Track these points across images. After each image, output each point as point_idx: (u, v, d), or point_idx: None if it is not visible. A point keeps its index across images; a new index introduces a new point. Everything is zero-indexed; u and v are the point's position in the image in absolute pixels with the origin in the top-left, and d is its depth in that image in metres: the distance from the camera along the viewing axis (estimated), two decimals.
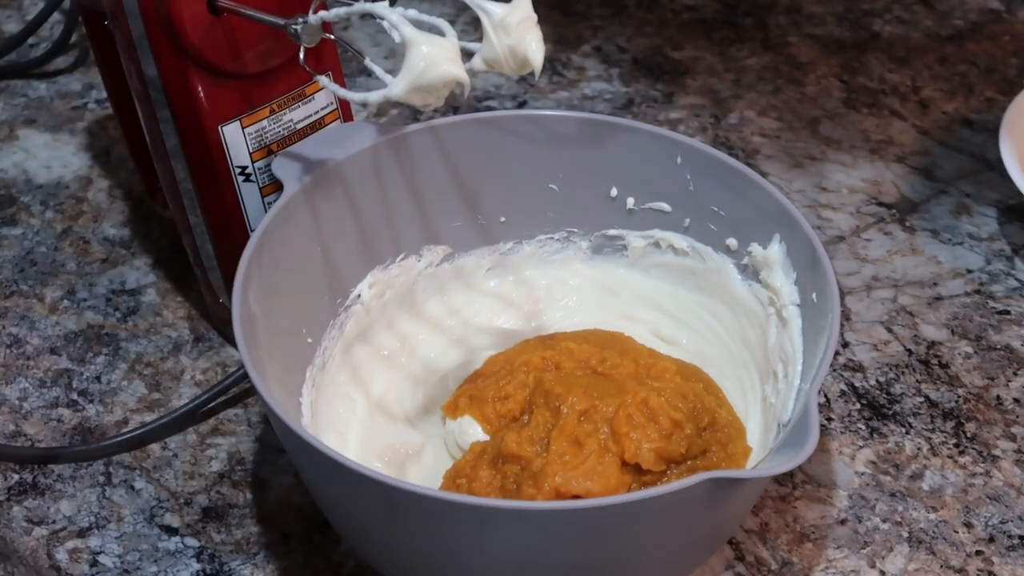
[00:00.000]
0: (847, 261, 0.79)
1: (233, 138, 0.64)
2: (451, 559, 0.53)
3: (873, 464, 0.66)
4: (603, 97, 0.93)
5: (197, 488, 0.65)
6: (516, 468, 0.59)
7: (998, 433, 0.68)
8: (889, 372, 0.71)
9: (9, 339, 0.73)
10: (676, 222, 0.68)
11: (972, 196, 0.84)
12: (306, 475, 0.58)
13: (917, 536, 0.62)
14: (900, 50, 0.98)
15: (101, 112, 0.92)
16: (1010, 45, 0.99)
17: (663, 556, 0.55)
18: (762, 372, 0.64)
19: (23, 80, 0.95)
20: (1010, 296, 0.76)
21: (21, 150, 0.89)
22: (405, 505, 0.50)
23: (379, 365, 0.68)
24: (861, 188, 0.85)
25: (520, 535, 0.50)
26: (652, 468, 0.58)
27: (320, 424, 0.63)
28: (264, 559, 0.61)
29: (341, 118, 0.69)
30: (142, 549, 0.62)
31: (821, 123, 0.91)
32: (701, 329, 0.69)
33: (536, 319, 0.72)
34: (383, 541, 0.55)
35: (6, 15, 1.03)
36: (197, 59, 0.61)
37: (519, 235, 0.71)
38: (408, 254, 0.69)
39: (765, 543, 0.62)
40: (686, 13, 1.03)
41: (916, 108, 0.92)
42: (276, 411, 0.52)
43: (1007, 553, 0.61)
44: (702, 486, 0.48)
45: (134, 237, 0.81)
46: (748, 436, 0.63)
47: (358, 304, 0.67)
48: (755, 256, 0.64)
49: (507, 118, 0.68)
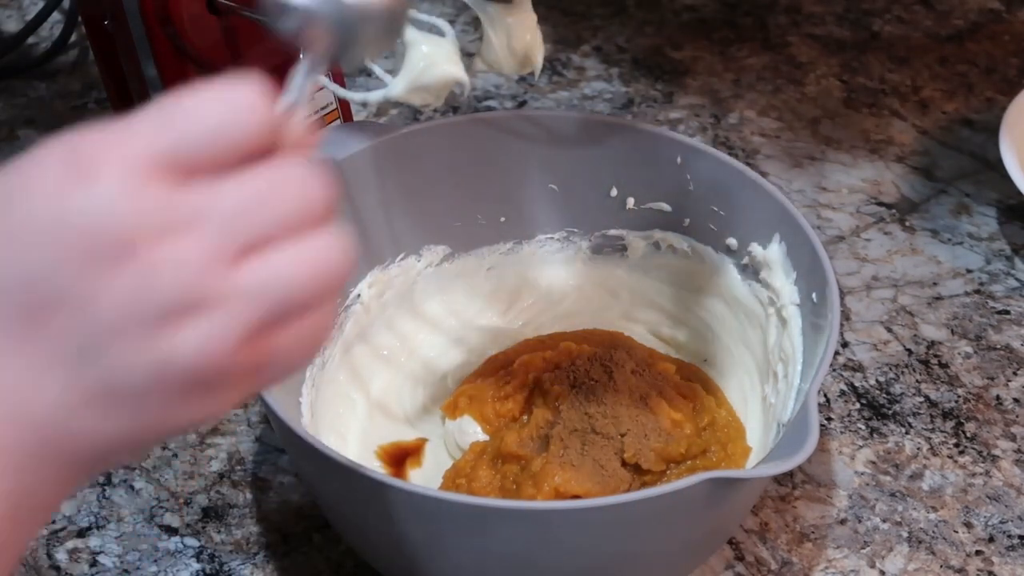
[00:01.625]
0: (847, 261, 0.79)
1: None
2: (451, 559, 0.53)
3: (873, 464, 0.66)
4: (603, 97, 0.93)
5: (197, 488, 0.65)
6: (516, 468, 0.59)
7: (998, 433, 0.68)
8: (889, 372, 0.71)
9: None
10: (676, 222, 0.68)
11: (972, 196, 0.84)
12: (306, 475, 0.58)
13: (917, 536, 0.62)
14: (900, 50, 0.98)
15: (101, 112, 0.92)
16: (1010, 45, 0.99)
17: (663, 556, 0.55)
18: (762, 372, 0.64)
19: (23, 80, 0.95)
20: (1010, 296, 0.76)
21: (21, 150, 0.89)
22: (405, 505, 0.50)
23: (379, 365, 0.68)
24: (861, 188, 0.85)
25: (520, 535, 0.50)
26: (652, 468, 0.58)
27: (320, 424, 0.63)
28: (264, 559, 0.61)
29: (341, 118, 0.69)
30: (142, 549, 0.62)
31: (821, 123, 0.91)
32: (701, 329, 0.69)
33: (536, 319, 0.72)
34: (383, 541, 0.55)
35: (6, 15, 1.03)
36: (197, 59, 0.61)
37: (519, 235, 0.71)
38: (408, 254, 0.69)
39: (765, 543, 0.62)
40: (686, 13, 1.03)
41: (916, 108, 0.92)
42: (276, 411, 0.52)
43: (1007, 553, 0.61)
44: (702, 486, 0.48)
45: None
46: (748, 436, 0.63)
47: (358, 304, 0.67)
48: (755, 256, 0.64)
49: (507, 118, 0.68)
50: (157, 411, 0.34)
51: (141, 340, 0.33)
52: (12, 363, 0.33)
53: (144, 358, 0.33)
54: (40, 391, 0.33)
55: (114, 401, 0.33)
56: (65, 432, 0.34)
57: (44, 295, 0.33)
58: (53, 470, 0.34)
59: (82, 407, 0.33)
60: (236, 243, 0.33)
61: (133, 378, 0.33)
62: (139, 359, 0.33)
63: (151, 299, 0.32)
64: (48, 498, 0.35)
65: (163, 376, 0.33)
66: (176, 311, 0.33)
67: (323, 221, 0.35)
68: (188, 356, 0.33)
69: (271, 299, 0.34)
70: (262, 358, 0.34)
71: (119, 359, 0.33)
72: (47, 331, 0.33)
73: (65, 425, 0.34)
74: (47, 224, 0.33)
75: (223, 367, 0.33)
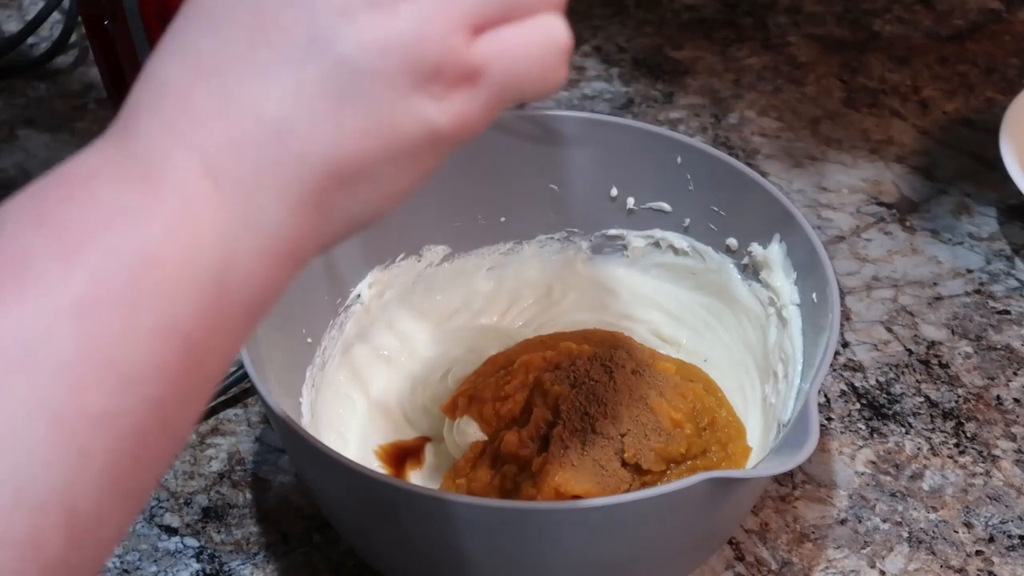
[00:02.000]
0: (847, 261, 0.79)
1: None
2: (450, 559, 0.53)
3: (873, 464, 0.66)
4: (603, 97, 0.93)
5: (197, 488, 0.65)
6: (515, 468, 0.59)
7: (998, 433, 0.68)
8: (889, 372, 0.71)
9: None
10: (676, 222, 0.68)
11: (972, 196, 0.84)
12: (306, 475, 0.58)
13: (917, 536, 0.62)
14: (900, 50, 0.98)
15: (101, 112, 0.92)
16: (1010, 45, 0.99)
17: (663, 556, 0.55)
18: (762, 372, 0.64)
19: (23, 80, 0.95)
20: (1010, 296, 0.76)
21: (21, 150, 0.89)
22: (405, 505, 0.50)
23: (379, 365, 0.68)
24: (861, 188, 0.85)
25: (520, 535, 0.50)
26: (652, 468, 0.58)
27: (320, 424, 0.63)
28: (264, 559, 0.61)
29: None
30: (142, 549, 0.62)
31: (821, 123, 0.91)
32: (701, 329, 0.69)
33: (536, 319, 0.72)
34: (383, 541, 0.55)
35: (6, 15, 1.03)
36: None
37: (519, 235, 0.71)
38: (408, 254, 0.69)
39: (765, 543, 0.62)
40: (686, 13, 1.03)
41: (916, 108, 0.92)
42: (276, 411, 0.52)
43: (1007, 553, 0.61)
44: (702, 486, 0.48)
45: None
46: (748, 436, 0.63)
47: (358, 304, 0.67)
48: (755, 256, 0.64)
49: (507, 118, 0.68)
50: (386, 103, 0.33)
51: (364, 18, 0.32)
52: (236, 82, 0.32)
53: (367, 37, 0.32)
54: (267, 97, 0.32)
55: (340, 93, 0.32)
56: (292, 137, 0.32)
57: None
58: (275, 191, 0.33)
59: (308, 108, 0.32)
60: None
61: (357, 61, 0.32)
62: (362, 38, 0.32)
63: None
64: (272, 229, 0.33)
65: (387, 55, 0.32)
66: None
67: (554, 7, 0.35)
68: (410, 32, 0.32)
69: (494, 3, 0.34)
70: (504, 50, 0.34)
71: (345, 42, 0.32)
72: (275, 33, 0.32)
73: (292, 130, 0.32)
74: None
75: (447, 54, 0.33)
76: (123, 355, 0.30)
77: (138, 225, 0.31)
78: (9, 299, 0.30)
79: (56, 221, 0.31)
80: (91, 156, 0.33)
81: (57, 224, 0.31)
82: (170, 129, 0.32)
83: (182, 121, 0.32)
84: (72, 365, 0.29)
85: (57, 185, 0.32)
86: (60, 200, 0.32)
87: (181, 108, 0.32)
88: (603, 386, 0.61)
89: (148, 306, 0.31)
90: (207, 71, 0.33)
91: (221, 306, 0.32)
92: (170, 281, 0.31)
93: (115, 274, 0.30)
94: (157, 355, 0.31)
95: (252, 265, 0.33)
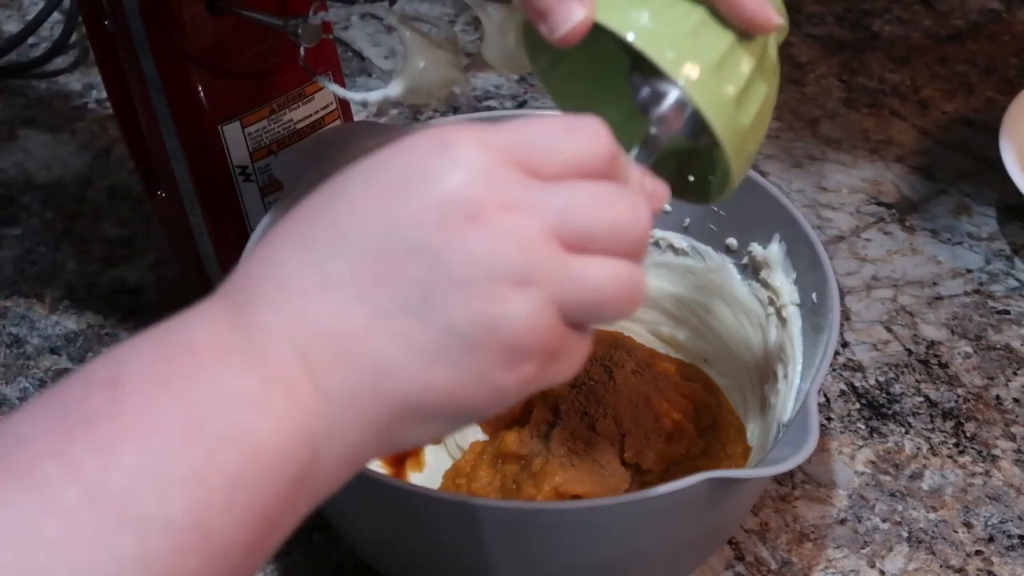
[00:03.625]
0: (847, 261, 0.79)
1: (233, 138, 0.64)
2: (451, 559, 0.53)
3: (873, 464, 0.66)
4: None
5: None
6: (516, 468, 0.59)
7: (998, 433, 0.68)
8: (889, 372, 0.71)
9: (9, 339, 0.73)
10: (676, 222, 0.68)
11: (972, 196, 0.84)
12: None
13: (917, 536, 0.62)
14: (900, 50, 0.98)
15: (101, 112, 0.92)
16: (1010, 45, 0.99)
17: (663, 556, 0.55)
18: (762, 372, 0.64)
19: (23, 80, 0.95)
20: (1010, 296, 0.76)
21: (21, 150, 0.89)
22: (405, 505, 0.50)
23: None
24: (861, 188, 0.85)
25: (520, 535, 0.50)
26: (652, 468, 0.58)
27: None
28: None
29: (341, 118, 0.69)
30: None
31: (821, 123, 0.91)
32: (701, 329, 0.69)
33: None
34: (383, 541, 0.55)
35: (6, 15, 1.03)
36: (197, 59, 0.61)
37: None
38: None
39: (765, 543, 0.62)
40: None
41: (916, 108, 0.92)
42: None
43: (1007, 553, 0.61)
44: (702, 486, 0.48)
45: (134, 237, 0.81)
46: (748, 436, 0.63)
47: None
48: (755, 256, 0.64)
49: (507, 118, 0.68)
50: (475, 369, 0.36)
51: (481, 298, 0.36)
52: (354, 309, 0.36)
53: (480, 314, 0.36)
54: (376, 336, 0.36)
55: (440, 352, 0.36)
56: (387, 377, 0.36)
57: (401, 245, 0.36)
58: (361, 413, 0.36)
59: (408, 354, 0.36)
60: (569, 233, 0.37)
61: (465, 331, 0.36)
62: (475, 314, 0.36)
63: (497, 261, 0.36)
64: (351, 443, 0.37)
65: (492, 333, 0.36)
66: (515, 276, 0.36)
67: (636, 250, 0.38)
68: (518, 320, 0.36)
69: (590, 294, 0.37)
70: (571, 344, 0.38)
71: (458, 312, 0.36)
72: (398, 279, 0.36)
73: (388, 372, 0.36)
74: (413, 182, 0.36)
75: (541, 341, 0.37)
76: (220, 529, 0.33)
77: (252, 414, 0.34)
78: (127, 453, 0.32)
79: (179, 389, 0.34)
80: (213, 325, 0.36)
81: (180, 392, 0.34)
82: (288, 329, 0.35)
83: (298, 327, 0.36)
84: (179, 531, 0.32)
85: (181, 354, 0.35)
86: (184, 368, 0.34)
87: (299, 313, 0.36)
88: (603, 386, 0.61)
89: (247, 489, 0.34)
90: (329, 287, 0.36)
91: (301, 495, 0.36)
92: (268, 470, 0.34)
93: (226, 454, 0.33)
94: (247, 535, 0.34)
95: (329, 467, 0.37)
